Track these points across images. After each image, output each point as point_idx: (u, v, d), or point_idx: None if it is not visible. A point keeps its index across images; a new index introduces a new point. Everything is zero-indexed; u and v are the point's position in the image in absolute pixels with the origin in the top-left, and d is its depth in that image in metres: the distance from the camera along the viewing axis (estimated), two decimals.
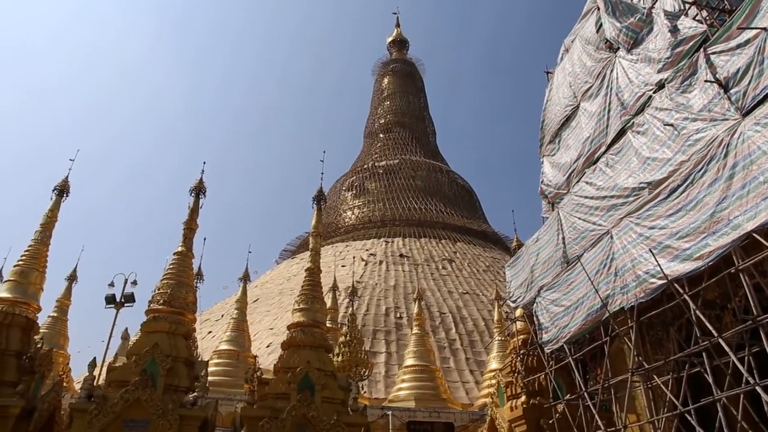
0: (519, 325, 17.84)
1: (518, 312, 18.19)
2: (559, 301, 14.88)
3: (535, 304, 16.14)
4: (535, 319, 15.99)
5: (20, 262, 16.80)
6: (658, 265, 10.80)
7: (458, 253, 65.18)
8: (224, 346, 29.57)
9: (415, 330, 32.41)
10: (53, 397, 14.62)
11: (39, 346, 15.43)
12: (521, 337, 17.38)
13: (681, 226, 10.67)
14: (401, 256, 61.73)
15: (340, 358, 23.91)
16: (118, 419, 13.01)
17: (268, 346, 39.86)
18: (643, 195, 12.14)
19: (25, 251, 17.06)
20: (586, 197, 14.59)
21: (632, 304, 11.81)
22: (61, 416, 15.08)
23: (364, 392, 28.12)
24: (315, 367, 14.62)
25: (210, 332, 46.59)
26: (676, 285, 10.61)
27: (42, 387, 15.21)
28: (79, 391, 16.68)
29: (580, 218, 14.59)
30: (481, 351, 43.57)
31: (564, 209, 15.56)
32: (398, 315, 47.65)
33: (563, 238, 15.19)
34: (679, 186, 11.03)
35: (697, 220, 10.37)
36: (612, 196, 13.36)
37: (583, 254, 14.08)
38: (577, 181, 15.68)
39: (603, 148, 14.84)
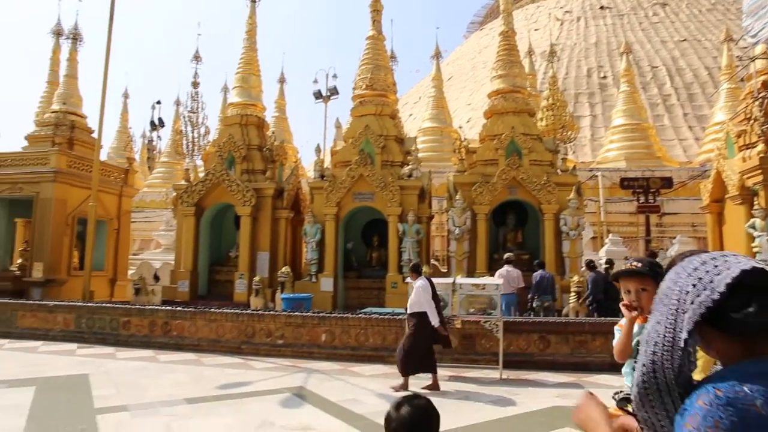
0: (758, 64, 15.15)
1: (758, 49, 15.34)
2: None
3: None
4: None
5: (240, 69, 18.69)
6: None
7: None
8: (427, 124, 30.82)
9: (623, 87, 29.81)
10: (294, 180, 17.13)
11: (273, 140, 17.77)
12: (761, 78, 14.85)
13: None
14: (602, 8, 54.55)
15: (543, 123, 23.40)
16: (349, 193, 14.95)
17: (468, 121, 40.61)
18: None
19: (240, 59, 18.83)
20: None
21: None
22: (303, 194, 17.82)
23: (573, 154, 27.77)
24: (520, 131, 14.60)
25: (411, 115, 48.67)
26: None
27: (283, 173, 17.83)
28: (311, 174, 19.30)
29: None
30: (702, 104, 38.96)
31: None
32: (602, 75, 43.91)
33: None
34: None
35: None
36: None
37: None
38: None
39: None
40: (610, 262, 12.59)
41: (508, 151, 14.43)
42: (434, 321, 7.72)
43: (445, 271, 15.47)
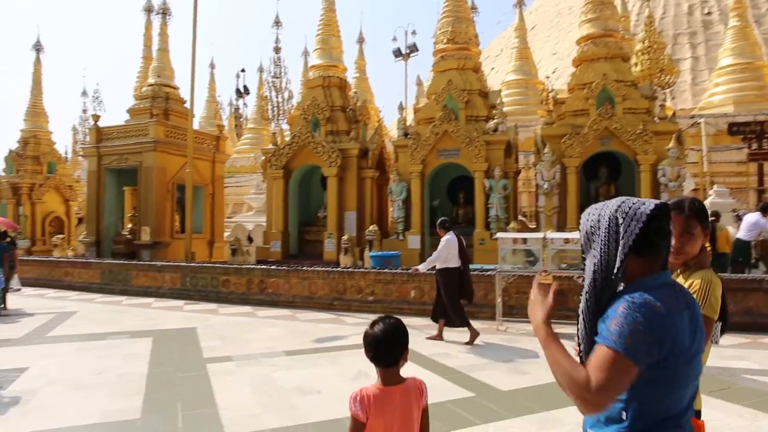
0: None
1: None
2: None
3: None
4: None
5: (319, 31, 18.74)
6: None
7: None
8: (511, 77, 29.60)
9: (733, 23, 26.99)
10: (378, 139, 17.16)
11: (356, 101, 17.82)
12: None
13: None
14: None
15: (638, 68, 21.74)
16: (433, 150, 14.78)
17: (553, 72, 38.67)
18: None
19: (319, 21, 18.86)
20: None
21: None
22: (387, 154, 17.85)
23: (672, 100, 25.75)
24: (612, 78, 13.69)
25: (492, 68, 47.05)
26: None
27: (366, 133, 17.90)
28: (393, 133, 19.25)
29: None
30: None
31: None
32: (705, 11, 40.06)
33: None
34: None
35: None
36: None
37: None
38: None
39: None
40: (716, 215, 11.72)
41: (599, 99, 13.60)
42: (421, 266, 8.35)
43: (534, 227, 15.07)
